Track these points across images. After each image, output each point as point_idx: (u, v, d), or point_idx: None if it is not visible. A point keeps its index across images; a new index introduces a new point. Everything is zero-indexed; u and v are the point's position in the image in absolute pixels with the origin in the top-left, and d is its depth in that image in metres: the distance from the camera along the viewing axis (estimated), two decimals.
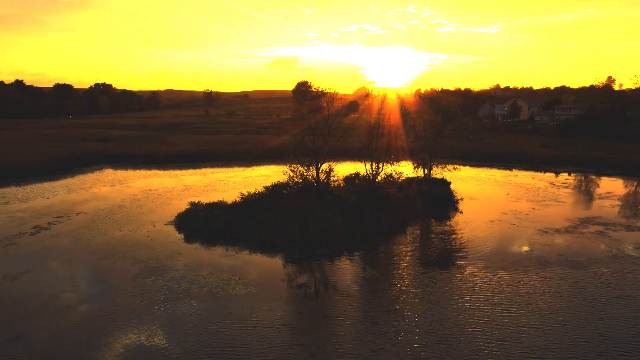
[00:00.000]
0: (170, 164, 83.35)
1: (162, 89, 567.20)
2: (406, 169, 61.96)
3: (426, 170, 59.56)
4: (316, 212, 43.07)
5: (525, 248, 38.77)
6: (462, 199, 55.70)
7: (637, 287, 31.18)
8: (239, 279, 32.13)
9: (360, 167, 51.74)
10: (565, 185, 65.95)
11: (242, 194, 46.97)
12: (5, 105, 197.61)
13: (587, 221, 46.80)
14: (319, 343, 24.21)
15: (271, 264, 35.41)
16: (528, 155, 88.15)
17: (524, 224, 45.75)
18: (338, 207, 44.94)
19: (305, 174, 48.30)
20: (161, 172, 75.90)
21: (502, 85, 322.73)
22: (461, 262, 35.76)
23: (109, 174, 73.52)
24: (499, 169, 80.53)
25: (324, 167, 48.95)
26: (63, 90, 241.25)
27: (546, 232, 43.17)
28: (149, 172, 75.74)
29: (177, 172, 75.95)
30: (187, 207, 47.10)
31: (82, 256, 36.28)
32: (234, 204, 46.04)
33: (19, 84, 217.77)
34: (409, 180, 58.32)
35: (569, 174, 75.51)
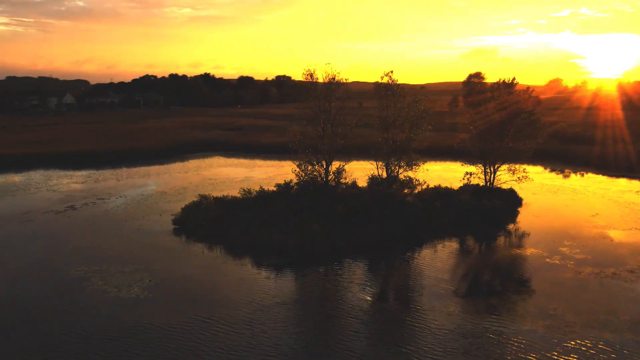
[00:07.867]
0: (266, 154, 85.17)
1: (350, 80, 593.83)
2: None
3: (489, 177, 49.33)
4: (298, 216, 39.02)
5: (518, 295, 28.95)
6: (509, 215, 44.50)
7: None
8: (150, 281, 30.69)
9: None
10: None
11: (243, 190, 45.13)
12: (193, 95, 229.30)
13: None
14: None
15: (207, 269, 32.98)
16: None
17: (568, 258, 34.32)
18: (329, 212, 40.05)
19: (314, 173, 44.37)
20: (246, 161, 78.29)
21: None
22: (414, 299, 28.43)
23: (200, 161, 78.34)
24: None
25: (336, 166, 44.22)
26: (244, 82, 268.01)
27: (578, 272, 31.65)
28: (236, 160, 78.89)
29: (260, 162, 77.51)
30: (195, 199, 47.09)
31: (59, 238, 38.83)
32: (233, 200, 44.47)
33: (206, 76, 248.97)
34: (464, 187, 49.24)
35: None
